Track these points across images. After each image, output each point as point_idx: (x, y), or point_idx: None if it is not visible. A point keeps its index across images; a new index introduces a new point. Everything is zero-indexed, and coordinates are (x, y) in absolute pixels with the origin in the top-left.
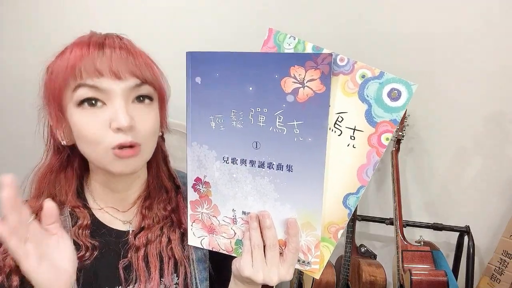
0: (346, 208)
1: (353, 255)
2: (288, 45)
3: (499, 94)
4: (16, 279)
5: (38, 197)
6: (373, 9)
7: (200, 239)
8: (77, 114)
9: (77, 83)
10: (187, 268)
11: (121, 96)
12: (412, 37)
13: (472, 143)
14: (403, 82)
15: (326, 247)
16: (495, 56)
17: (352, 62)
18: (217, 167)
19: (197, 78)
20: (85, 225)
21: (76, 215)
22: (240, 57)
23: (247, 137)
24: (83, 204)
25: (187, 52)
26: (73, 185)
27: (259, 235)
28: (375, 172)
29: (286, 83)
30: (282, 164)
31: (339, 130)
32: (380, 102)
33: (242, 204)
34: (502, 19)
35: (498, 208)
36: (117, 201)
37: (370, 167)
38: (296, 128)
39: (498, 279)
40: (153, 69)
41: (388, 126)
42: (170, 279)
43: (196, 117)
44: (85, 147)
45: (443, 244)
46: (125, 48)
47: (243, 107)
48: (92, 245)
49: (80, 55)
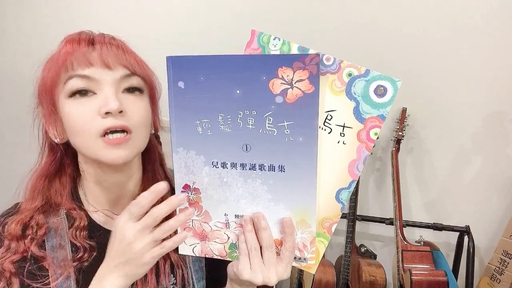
0: (339, 202)
1: (353, 255)
2: (274, 47)
3: (499, 94)
4: (16, 282)
5: (33, 199)
6: (373, 9)
7: (191, 247)
8: (68, 104)
9: (68, 74)
10: (184, 269)
11: (111, 84)
12: (412, 37)
13: (472, 143)
14: (388, 79)
15: (321, 242)
16: (496, 56)
17: (338, 61)
18: (206, 172)
19: (180, 82)
20: (82, 227)
21: (73, 216)
22: (226, 60)
23: (237, 140)
24: (78, 206)
25: (168, 57)
26: (68, 187)
27: (254, 237)
28: (375, 172)
29: (274, 85)
30: (274, 165)
31: (329, 128)
32: (367, 99)
33: (234, 207)
34: (502, 19)
35: (498, 208)
36: (111, 203)
37: (361, 161)
38: (286, 129)
39: (498, 279)
40: (143, 66)
41: (376, 122)
42: (167, 280)
43: (181, 123)
44: (75, 138)
45: (443, 244)
46: (115, 45)
47: (231, 110)
48: (90, 246)
49: (71, 50)
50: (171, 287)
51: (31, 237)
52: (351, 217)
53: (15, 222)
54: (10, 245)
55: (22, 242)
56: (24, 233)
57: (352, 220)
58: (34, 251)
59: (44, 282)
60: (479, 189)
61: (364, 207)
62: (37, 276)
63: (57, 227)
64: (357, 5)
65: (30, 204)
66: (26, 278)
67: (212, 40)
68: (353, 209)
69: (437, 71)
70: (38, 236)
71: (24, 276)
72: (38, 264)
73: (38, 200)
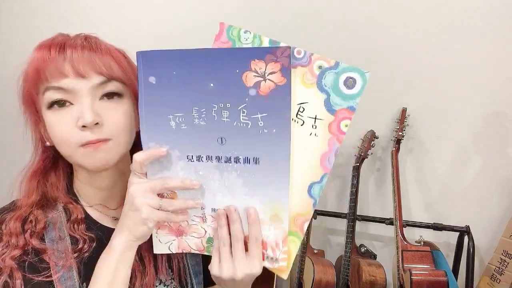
0: (311, 198)
1: (353, 255)
2: (246, 40)
3: (499, 94)
4: (19, 277)
5: (30, 194)
6: (373, 9)
7: (167, 244)
8: (49, 116)
9: (45, 86)
10: (180, 262)
11: (86, 94)
12: (412, 37)
13: (472, 143)
14: (357, 70)
15: (293, 241)
16: (496, 56)
17: (308, 54)
18: (181, 166)
19: (151, 78)
20: (80, 219)
21: (70, 210)
22: (199, 54)
23: (211, 133)
24: (74, 200)
25: (138, 52)
26: (63, 181)
27: (226, 231)
28: (375, 172)
29: (247, 77)
30: (249, 157)
31: (301, 120)
32: (337, 90)
33: (211, 201)
34: (502, 19)
35: (498, 208)
36: (104, 199)
37: (332, 154)
38: (260, 121)
39: (498, 279)
40: (123, 65)
41: (346, 113)
42: (165, 273)
43: (152, 118)
44: (58, 146)
45: (443, 244)
46: (88, 47)
47: (205, 104)
48: (89, 237)
49: (42, 58)
50: (169, 280)
51: (30, 231)
52: (351, 217)
53: (14, 218)
54: (10, 241)
55: (22, 236)
56: (23, 228)
57: (352, 220)
58: (34, 244)
59: (46, 275)
60: (479, 189)
61: (364, 207)
62: (39, 269)
63: (55, 221)
64: (357, 5)
65: (27, 199)
66: (27, 273)
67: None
68: (353, 209)
69: (437, 71)
70: (38, 230)
71: (25, 270)
72: (39, 256)
73: (35, 195)
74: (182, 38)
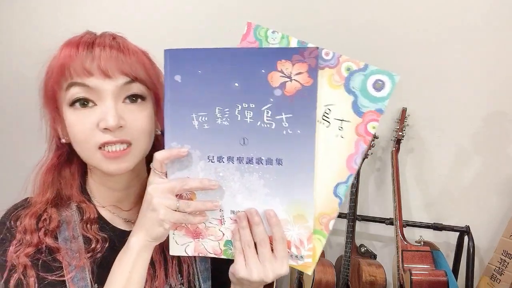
0: (336, 197)
1: (353, 255)
2: (273, 40)
3: (499, 94)
4: (33, 274)
5: (44, 191)
6: (373, 8)
7: (183, 246)
8: (70, 114)
9: (68, 82)
10: (190, 267)
11: (111, 96)
12: (412, 37)
13: (472, 143)
14: (386, 73)
15: (318, 239)
16: (496, 56)
17: (337, 55)
18: (201, 167)
19: (177, 76)
20: (93, 219)
21: (83, 209)
22: (225, 53)
23: (234, 133)
24: (87, 199)
25: (165, 50)
26: (77, 181)
27: (249, 233)
28: (375, 172)
29: (273, 78)
30: (272, 158)
31: (327, 121)
32: (365, 93)
33: (230, 203)
34: (502, 19)
35: (498, 208)
36: (117, 200)
37: (358, 155)
38: (284, 122)
39: (498, 279)
40: (147, 68)
41: (374, 115)
42: (175, 278)
43: (176, 117)
44: (76, 146)
45: (443, 244)
46: (116, 47)
47: (229, 104)
48: (102, 237)
49: (69, 55)
50: (178, 285)
51: (44, 229)
52: (351, 217)
53: (29, 215)
54: (24, 238)
55: (36, 234)
56: (37, 226)
57: (352, 220)
58: (48, 242)
59: (59, 274)
60: (479, 189)
61: (364, 207)
62: (52, 268)
63: (69, 221)
64: (357, 5)
65: (41, 197)
66: (41, 271)
67: (207, 34)
68: (353, 209)
69: (437, 71)
70: (51, 228)
71: (39, 269)
72: (53, 255)
73: (49, 192)
74: (182, 38)
